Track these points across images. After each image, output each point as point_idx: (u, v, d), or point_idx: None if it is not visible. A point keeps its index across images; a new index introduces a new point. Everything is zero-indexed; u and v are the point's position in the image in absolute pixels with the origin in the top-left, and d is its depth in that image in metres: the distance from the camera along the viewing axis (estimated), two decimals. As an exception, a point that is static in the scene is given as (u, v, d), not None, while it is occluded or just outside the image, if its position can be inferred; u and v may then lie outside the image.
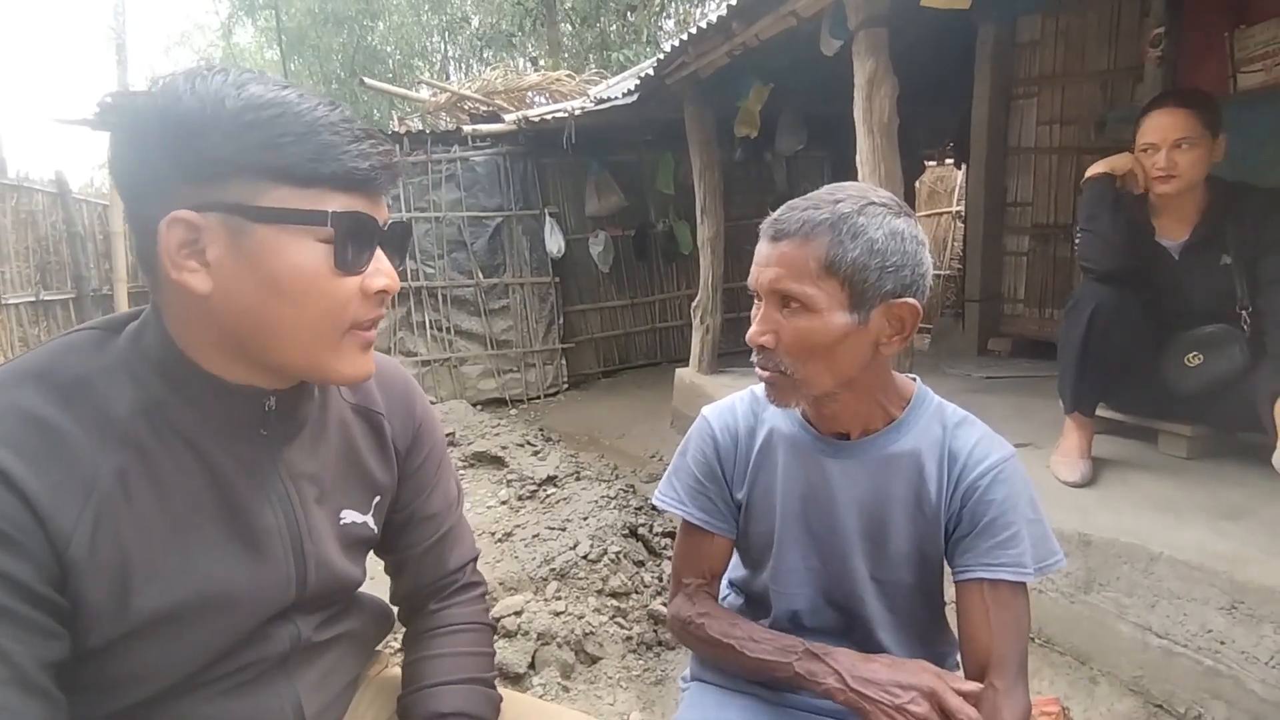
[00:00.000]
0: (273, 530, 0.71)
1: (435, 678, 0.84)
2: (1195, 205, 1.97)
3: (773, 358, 0.88)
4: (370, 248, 0.67)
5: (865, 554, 0.96)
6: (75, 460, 0.60)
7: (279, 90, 0.62)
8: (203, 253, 0.61)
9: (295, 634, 0.75)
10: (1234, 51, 3.04)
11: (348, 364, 0.68)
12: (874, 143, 2.48)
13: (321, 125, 0.62)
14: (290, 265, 0.62)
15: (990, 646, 0.87)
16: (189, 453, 0.66)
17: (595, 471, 3.73)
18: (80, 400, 0.62)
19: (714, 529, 1.03)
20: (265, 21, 14.31)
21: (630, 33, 11.69)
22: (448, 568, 0.91)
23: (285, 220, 0.61)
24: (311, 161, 0.61)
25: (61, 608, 0.59)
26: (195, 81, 0.60)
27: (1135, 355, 2.05)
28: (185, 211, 0.59)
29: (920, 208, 8.32)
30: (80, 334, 0.67)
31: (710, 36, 3.44)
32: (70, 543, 0.59)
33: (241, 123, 0.59)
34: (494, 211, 5.85)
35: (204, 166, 0.60)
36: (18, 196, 4.81)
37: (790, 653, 0.90)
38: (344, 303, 0.66)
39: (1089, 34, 3.85)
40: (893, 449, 0.94)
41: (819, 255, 0.83)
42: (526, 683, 2.00)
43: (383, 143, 0.66)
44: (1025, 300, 4.30)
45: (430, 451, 0.90)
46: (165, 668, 0.66)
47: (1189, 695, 1.61)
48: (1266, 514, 1.78)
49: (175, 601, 0.64)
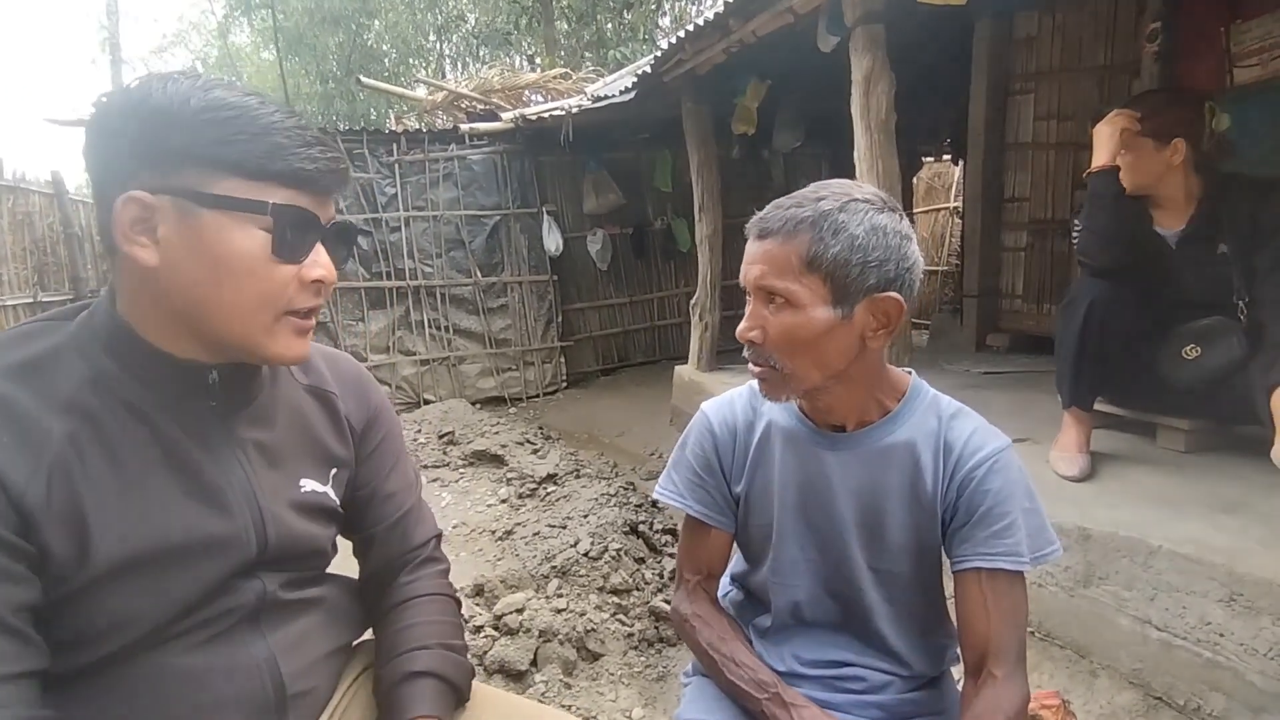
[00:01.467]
0: (225, 487, 0.75)
1: (406, 645, 0.87)
2: (1190, 195, 1.98)
3: (762, 353, 0.91)
4: (309, 240, 0.73)
5: (862, 544, 0.97)
6: (27, 426, 0.65)
7: (242, 96, 0.69)
8: (154, 230, 0.68)
9: (261, 589, 0.78)
10: (1230, 46, 3.05)
11: (281, 345, 0.74)
12: (871, 139, 2.49)
13: (275, 129, 0.69)
14: (231, 248, 0.69)
15: (989, 635, 0.88)
16: (136, 421, 0.71)
17: (595, 469, 3.73)
18: (30, 376, 0.68)
19: (713, 522, 1.05)
20: (261, 22, 14.27)
21: (627, 30, 11.68)
22: (412, 542, 0.96)
23: (230, 207, 0.68)
24: (260, 158, 0.68)
25: (27, 552, 0.64)
26: (167, 82, 0.68)
27: (1133, 349, 2.06)
28: (140, 192, 0.66)
29: (918, 204, 8.33)
30: (30, 324, 0.74)
31: (707, 33, 3.44)
32: (25, 494, 0.64)
33: (201, 119, 0.67)
34: (492, 210, 5.85)
35: (163, 154, 0.67)
36: (14, 197, 4.80)
37: (763, 690, 0.93)
38: (280, 287, 0.72)
39: (1086, 29, 3.86)
40: (888, 440, 0.95)
41: (800, 252, 0.86)
42: (529, 680, 2.00)
43: (332, 149, 0.73)
44: (1023, 296, 4.31)
45: (386, 434, 0.95)
46: (135, 617, 0.69)
47: (1188, 687, 1.61)
48: (1265, 507, 1.78)
49: (133, 550, 0.68)
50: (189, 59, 18.03)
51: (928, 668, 1.01)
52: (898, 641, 0.99)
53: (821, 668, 1.00)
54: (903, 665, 1.00)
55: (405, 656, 0.86)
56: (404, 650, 0.86)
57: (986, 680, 0.87)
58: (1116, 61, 3.74)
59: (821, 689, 0.99)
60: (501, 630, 2.15)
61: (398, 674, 0.84)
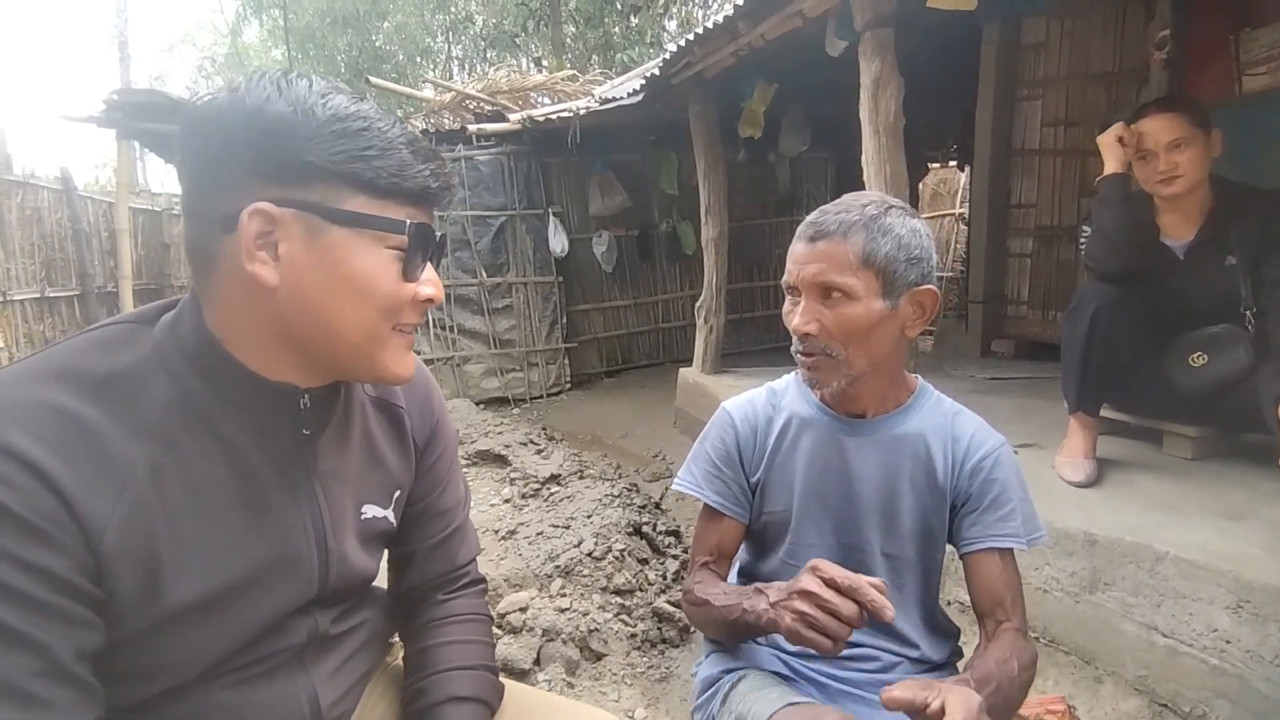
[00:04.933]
0: (298, 527, 0.73)
1: (448, 663, 0.85)
2: (1200, 206, 1.97)
3: (817, 343, 0.99)
4: (428, 258, 0.72)
5: (878, 528, 1.05)
6: (108, 455, 0.60)
7: (359, 104, 0.66)
8: (274, 246, 0.63)
9: (314, 627, 0.77)
10: (1239, 54, 3.05)
11: (395, 363, 0.72)
12: (880, 143, 2.49)
13: (400, 143, 0.66)
14: (361, 267, 0.66)
15: (1003, 601, 1.00)
16: (219, 448, 0.67)
17: (599, 470, 3.73)
18: (112, 395, 0.62)
19: (728, 512, 1.11)
20: (272, 21, 14.34)
21: (634, 34, 11.70)
22: (456, 563, 0.93)
23: (365, 225, 0.65)
24: (393, 175, 0.65)
25: (96, 598, 0.60)
26: (281, 85, 0.64)
27: (1139, 355, 2.05)
28: (267, 204, 0.62)
29: (923, 209, 8.33)
30: (110, 328, 0.68)
31: (716, 36, 3.45)
32: (104, 537, 0.59)
33: (331, 131, 0.63)
34: (498, 211, 5.86)
35: (291, 166, 0.63)
36: (23, 193, 4.83)
37: (743, 595, 0.98)
38: (400, 307, 0.69)
39: (1094, 36, 3.86)
40: (902, 429, 1.05)
41: (857, 250, 0.95)
42: (531, 679, 2.00)
43: (445, 164, 0.71)
44: (1029, 302, 4.31)
45: (445, 449, 0.92)
46: (190, 658, 0.67)
47: (1194, 694, 1.61)
48: (1271, 514, 1.78)
49: (202, 595, 0.65)
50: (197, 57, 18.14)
51: (933, 652, 1.07)
52: (903, 626, 1.05)
53: None
54: (911, 647, 1.06)
55: (446, 676, 0.84)
56: (444, 668, 0.85)
57: (1005, 629, 0.97)
58: (1124, 68, 3.74)
59: (835, 667, 1.04)
60: (505, 629, 2.15)
61: (440, 694, 0.83)
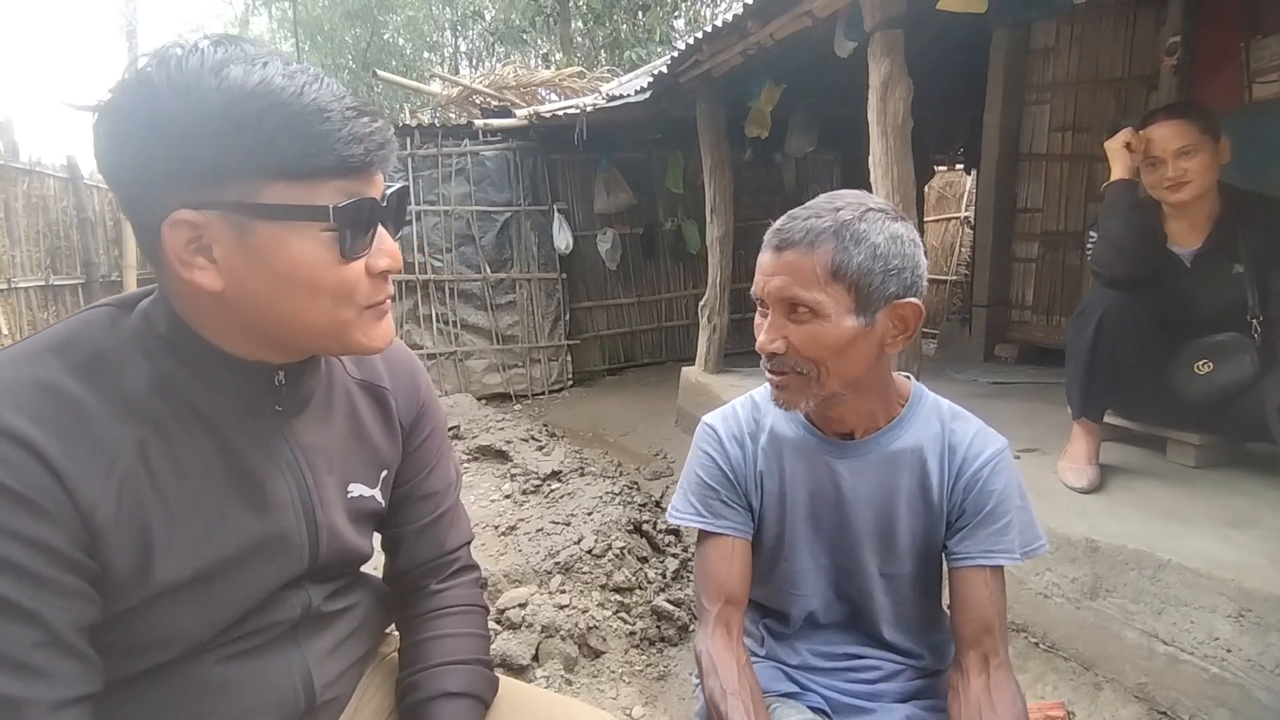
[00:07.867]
0: (285, 500, 0.73)
1: (441, 657, 0.85)
2: (1208, 213, 1.96)
3: (785, 361, 0.90)
4: (371, 230, 0.67)
5: (875, 550, 0.99)
6: (98, 433, 0.61)
7: (260, 70, 0.59)
8: (209, 249, 0.61)
9: (306, 601, 0.77)
10: (1250, 61, 3.03)
11: (366, 336, 0.70)
12: (887, 144, 2.48)
13: (310, 113, 0.60)
14: (296, 259, 0.63)
15: (987, 623, 0.92)
16: (202, 427, 0.68)
17: (599, 468, 3.73)
18: (99, 374, 0.63)
19: (734, 532, 1.01)
20: (280, 12, 14.33)
21: (643, 32, 11.69)
22: (445, 547, 0.92)
23: (287, 217, 0.61)
24: (306, 155, 0.60)
25: (92, 572, 0.61)
26: (170, 70, 0.58)
27: (1144, 361, 2.05)
28: (186, 211, 0.59)
29: (928, 213, 8.30)
30: (95, 310, 0.68)
31: (725, 35, 3.44)
32: (97, 511, 0.60)
33: (230, 121, 0.58)
34: (503, 206, 5.85)
35: (198, 169, 0.59)
36: (29, 181, 4.83)
37: None
38: (353, 286, 0.66)
39: (1104, 41, 3.84)
40: (896, 445, 0.97)
41: (825, 262, 0.85)
42: (530, 675, 2.00)
43: (375, 118, 0.64)
44: (1034, 307, 4.29)
45: (432, 431, 0.91)
46: (184, 632, 0.68)
47: (1193, 703, 1.60)
48: (1275, 523, 1.77)
49: (194, 569, 0.66)
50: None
51: (934, 660, 1.05)
52: (902, 640, 1.02)
53: (835, 660, 1.03)
54: (911, 657, 1.03)
55: (439, 670, 0.84)
56: (438, 662, 0.84)
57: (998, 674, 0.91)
58: (1134, 74, 3.73)
59: (838, 679, 1.01)
60: (504, 624, 2.15)
61: (433, 689, 0.82)
